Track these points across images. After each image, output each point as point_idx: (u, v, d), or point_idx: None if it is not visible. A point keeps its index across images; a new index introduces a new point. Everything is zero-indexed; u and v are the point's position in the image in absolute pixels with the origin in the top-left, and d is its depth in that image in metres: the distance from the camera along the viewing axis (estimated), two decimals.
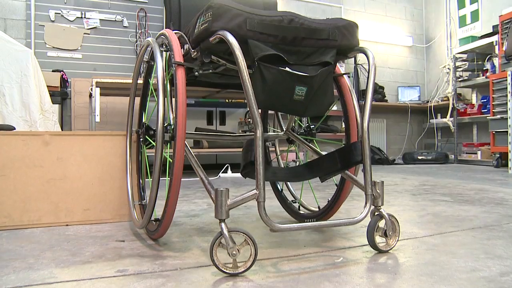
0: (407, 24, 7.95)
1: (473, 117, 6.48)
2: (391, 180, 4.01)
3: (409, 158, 6.75)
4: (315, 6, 7.00)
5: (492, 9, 6.46)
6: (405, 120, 7.51)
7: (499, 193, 2.91)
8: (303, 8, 6.89)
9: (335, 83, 1.64)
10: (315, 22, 1.35)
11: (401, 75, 7.80)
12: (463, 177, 4.27)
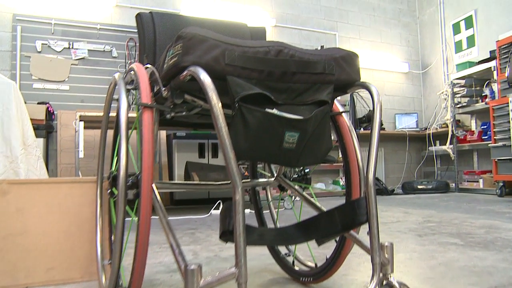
0: (402, 51, 7.84)
1: (473, 144, 6.30)
2: (392, 215, 3.78)
3: (408, 188, 6.54)
4: (309, 33, 6.88)
5: (488, 34, 6.35)
6: (404, 148, 7.33)
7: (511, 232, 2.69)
8: (297, 35, 6.76)
9: (332, 123, 1.43)
10: (308, 53, 1.14)
11: (398, 102, 7.64)
12: (468, 209, 4.05)
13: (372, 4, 7.63)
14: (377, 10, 7.68)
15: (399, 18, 7.93)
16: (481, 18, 6.69)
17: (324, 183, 6.39)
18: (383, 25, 7.70)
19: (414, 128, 7.31)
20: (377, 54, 7.51)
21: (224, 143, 0.91)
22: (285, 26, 6.67)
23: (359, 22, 7.43)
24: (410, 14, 8.09)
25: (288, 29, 6.70)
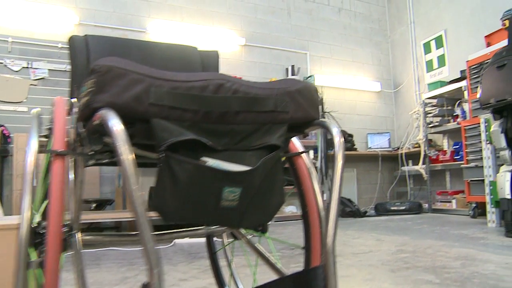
0: (374, 70, 7.78)
1: (446, 164, 6.23)
2: (363, 243, 3.62)
3: (381, 209, 6.41)
4: (279, 52, 6.76)
5: (458, 54, 6.33)
6: (376, 168, 7.21)
7: (488, 264, 2.54)
8: (267, 55, 6.63)
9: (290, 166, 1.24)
10: (256, 87, 0.96)
11: (370, 122, 7.56)
12: (442, 234, 3.91)
13: (343, 23, 7.57)
14: (348, 29, 7.61)
15: (371, 37, 7.89)
16: (451, 38, 6.68)
17: (296, 206, 6.21)
18: (354, 44, 7.63)
19: (387, 147, 7.22)
20: (349, 73, 7.43)
21: (138, 214, 0.72)
22: (255, 45, 6.54)
23: (331, 41, 7.35)
24: (381, 33, 8.05)
25: (258, 48, 6.57)
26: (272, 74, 6.55)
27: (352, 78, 7.44)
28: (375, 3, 8.07)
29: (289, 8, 7.00)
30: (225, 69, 6.16)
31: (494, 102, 3.50)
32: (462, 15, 6.45)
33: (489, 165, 4.43)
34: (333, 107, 6.87)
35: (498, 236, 3.66)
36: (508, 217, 3.63)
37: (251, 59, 6.50)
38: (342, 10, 7.60)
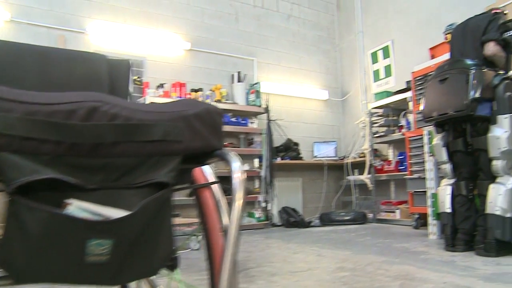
0: (322, 78, 7.74)
1: (391, 175, 6.24)
2: (304, 259, 3.51)
3: (326, 219, 6.35)
4: (225, 58, 6.60)
5: (404, 65, 6.35)
6: (322, 177, 7.15)
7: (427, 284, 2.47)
8: (213, 61, 6.46)
9: (196, 200, 1.06)
10: (141, 110, 0.79)
11: (316, 130, 7.50)
12: (384, 249, 3.86)
13: (292, 30, 7.50)
14: (296, 36, 7.55)
15: (319, 45, 7.85)
16: (397, 48, 6.72)
17: None
18: (303, 52, 7.57)
19: (333, 157, 7.19)
20: (296, 81, 7.36)
21: None
22: (201, 50, 6.35)
23: (278, 48, 7.25)
24: (330, 41, 8.04)
25: (203, 53, 6.38)
26: (217, 80, 6.39)
27: (300, 86, 7.38)
28: (325, 11, 8.04)
29: (237, 13, 6.86)
30: (169, 74, 5.96)
31: (436, 115, 3.48)
32: (409, 27, 6.50)
33: (431, 177, 4.42)
34: (279, 115, 6.77)
35: (438, 250, 3.63)
36: (448, 231, 3.61)
37: (196, 65, 6.31)
38: (291, 17, 7.53)
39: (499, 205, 3.23)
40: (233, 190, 0.86)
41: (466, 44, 3.60)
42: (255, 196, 6.22)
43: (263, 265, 3.24)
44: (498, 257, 3.21)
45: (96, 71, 1.29)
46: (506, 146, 3.24)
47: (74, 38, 5.35)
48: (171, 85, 5.83)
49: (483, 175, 3.44)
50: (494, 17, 3.54)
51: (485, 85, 3.28)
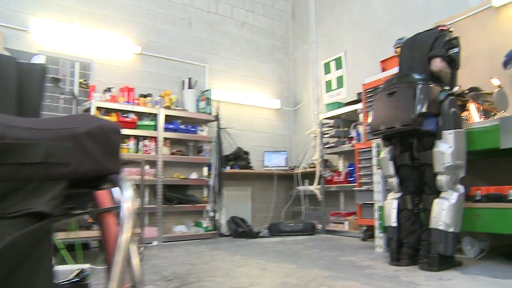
0: (275, 87, 7.70)
1: (340, 186, 6.23)
2: (247, 272, 3.40)
3: (275, 230, 6.27)
4: (177, 64, 6.45)
5: (356, 77, 6.39)
6: (271, 187, 7.09)
7: None
8: (163, 66, 6.30)
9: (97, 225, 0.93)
10: (19, 126, 0.65)
11: (268, 139, 7.45)
12: (330, 262, 3.80)
13: (246, 37, 7.43)
14: (250, 44, 7.48)
15: (273, 54, 7.82)
16: (350, 60, 6.75)
17: (186, 226, 5.92)
18: (256, 60, 7.51)
19: (283, 166, 7.14)
20: (249, 89, 7.29)
21: None
22: (151, 54, 6.18)
23: (231, 55, 7.17)
24: (283, 50, 8.02)
25: (154, 58, 6.22)
26: (167, 86, 6.23)
27: (252, 94, 7.31)
28: (279, 20, 8.02)
29: (190, 18, 6.73)
30: (117, 78, 5.77)
31: (383, 129, 3.46)
32: (361, 39, 6.54)
33: (379, 190, 4.41)
34: (230, 123, 6.68)
35: (383, 264, 3.59)
36: (393, 245, 3.59)
37: (146, 69, 6.14)
38: (245, 24, 7.46)
39: (442, 220, 3.23)
40: (121, 221, 0.72)
41: (414, 59, 3.62)
42: (203, 205, 6.09)
43: (205, 279, 3.12)
44: (441, 271, 3.21)
45: (2, 75, 1.14)
46: (450, 162, 3.24)
47: (15, 36, 5.09)
48: (119, 89, 5.64)
49: (428, 190, 3.44)
50: (441, 34, 3.57)
51: (432, 100, 3.29)
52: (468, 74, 4.69)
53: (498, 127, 3.36)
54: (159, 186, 5.61)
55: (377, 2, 6.32)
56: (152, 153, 5.66)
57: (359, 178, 5.36)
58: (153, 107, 5.76)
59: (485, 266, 3.41)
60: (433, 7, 5.43)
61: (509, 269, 3.30)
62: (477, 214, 3.53)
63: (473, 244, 3.83)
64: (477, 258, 3.76)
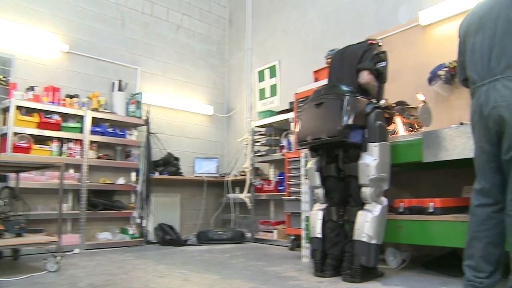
0: (208, 93, 7.63)
1: (270, 194, 6.23)
2: (167, 283, 3.29)
3: (203, 238, 6.16)
4: (107, 65, 6.23)
5: (289, 86, 6.42)
6: (201, 194, 6.97)
7: None
8: (92, 66, 6.07)
9: None
10: None
11: (200, 146, 7.34)
12: (254, 272, 3.76)
13: (180, 41, 7.30)
14: (185, 48, 7.36)
15: (208, 59, 7.73)
16: (284, 68, 6.78)
17: (111, 232, 5.71)
18: (190, 65, 7.39)
19: (214, 173, 7.05)
20: (182, 94, 7.16)
21: None
22: (80, 54, 5.92)
23: (165, 59, 7.01)
24: (219, 56, 7.95)
25: (83, 57, 5.96)
26: (96, 87, 5.99)
27: (185, 99, 7.18)
28: (216, 25, 7.95)
29: (124, 18, 6.52)
30: (42, 76, 5.49)
31: (310, 139, 3.45)
32: (296, 49, 6.58)
33: (306, 200, 4.41)
34: (161, 128, 6.51)
35: (307, 275, 3.58)
36: (318, 256, 3.58)
37: (74, 69, 5.87)
38: (180, 28, 7.34)
39: (365, 232, 3.24)
40: None
41: (343, 71, 3.64)
42: (129, 211, 5.89)
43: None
44: (363, 283, 3.22)
45: None
46: (375, 174, 3.27)
47: None
48: (44, 88, 5.36)
49: (353, 202, 3.45)
50: (369, 47, 3.61)
51: (358, 112, 3.31)
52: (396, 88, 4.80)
53: (421, 141, 3.44)
54: (83, 191, 5.38)
55: (312, 13, 6.37)
56: (77, 157, 5.42)
57: (288, 187, 5.36)
58: (80, 109, 5.52)
59: (405, 277, 3.47)
60: (365, 21, 5.53)
61: (427, 279, 3.39)
62: (400, 226, 3.61)
63: (395, 255, 3.91)
64: (399, 268, 3.83)
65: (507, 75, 2.44)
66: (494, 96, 2.47)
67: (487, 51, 2.57)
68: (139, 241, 5.84)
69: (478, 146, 2.71)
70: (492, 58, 2.53)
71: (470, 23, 2.77)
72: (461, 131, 3.17)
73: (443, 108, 4.53)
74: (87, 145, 5.47)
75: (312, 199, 4.30)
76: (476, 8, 2.78)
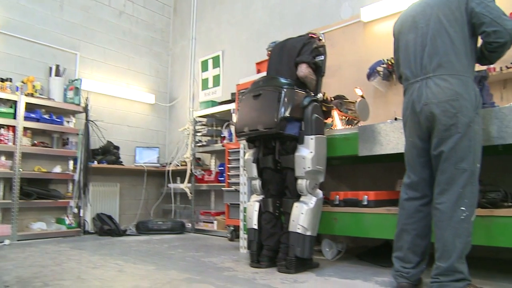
0: (151, 81, 7.51)
1: (211, 185, 6.22)
2: (101, 274, 3.22)
3: (143, 228, 6.09)
4: (43, 48, 5.99)
5: (232, 76, 6.42)
6: (142, 184, 6.87)
7: None
8: (27, 49, 5.82)
9: None
10: None
11: (141, 135, 7.23)
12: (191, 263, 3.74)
13: (123, 27, 7.13)
14: (127, 34, 7.20)
15: (151, 47, 7.60)
16: (227, 59, 6.76)
17: (45, 223, 5.54)
18: (132, 52, 7.25)
19: (155, 163, 6.96)
20: (123, 81, 7.02)
21: None
22: (13, 35, 5.66)
23: (106, 45, 6.84)
24: (163, 44, 7.83)
25: (16, 39, 5.69)
26: (31, 71, 5.76)
27: (126, 87, 7.04)
28: (160, 12, 7.82)
29: (62, 0, 6.28)
30: None
31: (247, 131, 3.45)
32: (240, 40, 6.57)
33: (245, 191, 4.42)
34: (101, 116, 6.34)
35: (244, 266, 3.59)
36: (254, 247, 3.60)
37: (6, 51, 5.60)
38: (123, 13, 7.17)
39: (300, 223, 3.28)
40: None
41: (282, 63, 3.65)
42: (66, 201, 5.73)
43: (51, 283, 2.89)
44: (297, 274, 3.27)
45: None
46: (311, 167, 3.31)
47: None
48: None
49: (289, 193, 3.49)
50: (309, 40, 3.64)
51: (296, 105, 3.33)
52: (337, 83, 4.90)
53: (357, 135, 3.52)
54: (16, 180, 5.18)
55: (257, 4, 6.37)
56: (9, 144, 5.20)
57: (229, 178, 5.36)
58: (13, 93, 5.28)
59: (339, 267, 3.54)
60: (309, 15, 5.57)
61: (360, 269, 3.47)
62: (335, 218, 3.68)
63: (331, 246, 3.97)
64: (335, 259, 3.90)
65: (438, 74, 2.53)
66: (426, 93, 2.55)
67: (419, 49, 2.65)
68: (76, 232, 5.69)
69: (409, 141, 2.79)
70: (425, 56, 2.61)
71: (404, 22, 2.85)
72: (395, 126, 3.26)
73: (380, 103, 4.65)
74: (21, 131, 5.25)
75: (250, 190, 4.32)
76: (410, 8, 2.86)
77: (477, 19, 2.50)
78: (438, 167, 2.56)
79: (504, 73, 3.66)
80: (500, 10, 2.50)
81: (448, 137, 2.46)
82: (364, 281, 3.05)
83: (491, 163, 3.49)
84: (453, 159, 2.45)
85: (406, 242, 2.71)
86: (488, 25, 2.47)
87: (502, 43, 2.49)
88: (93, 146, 6.10)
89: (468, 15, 2.53)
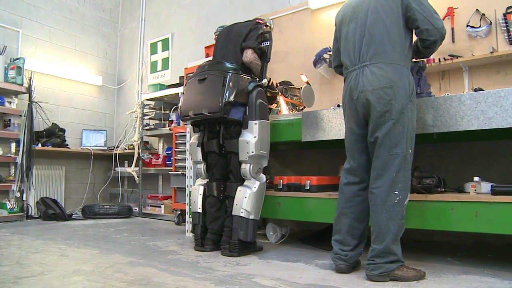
0: (99, 62, 7.35)
1: (158, 169, 6.19)
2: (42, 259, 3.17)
3: (89, 212, 6.00)
4: None
5: (181, 60, 6.37)
6: (88, 167, 6.75)
7: None
8: None
9: None
10: None
11: (87, 117, 7.09)
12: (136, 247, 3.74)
13: (70, 6, 6.91)
14: (74, 13, 7.00)
15: (99, 28, 7.43)
16: (176, 42, 6.69)
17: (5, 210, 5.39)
18: (79, 32, 7.05)
19: (102, 146, 6.85)
20: (69, 62, 6.83)
21: None
22: None
23: (51, 23, 6.61)
24: (111, 25, 7.66)
25: None
26: None
27: (72, 68, 6.87)
28: None
29: None
30: None
31: (192, 115, 3.44)
32: (189, 23, 6.51)
33: (191, 175, 4.43)
34: (45, 97, 6.16)
35: (188, 250, 3.62)
36: (198, 231, 3.62)
37: None
38: None
39: (244, 207, 3.33)
40: None
41: (228, 48, 3.65)
42: (8, 185, 5.57)
43: None
44: (240, 257, 3.32)
45: None
46: (254, 151, 3.35)
47: None
48: None
49: (233, 177, 3.52)
50: (256, 26, 3.65)
51: (240, 90, 3.35)
52: (284, 69, 4.95)
53: (301, 121, 3.58)
54: None
55: None
56: None
57: (176, 162, 5.36)
58: None
59: (282, 251, 3.61)
60: (258, 0, 5.56)
61: (302, 252, 3.55)
62: (278, 202, 3.74)
63: (275, 230, 4.04)
64: (278, 243, 3.98)
65: (374, 62, 2.61)
66: (362, 81, 2.63)
67: (358, 39, 2.73)
68: (18, 216, 5.56)
69: (347, 128, 2.88)
70: (363, 45, 2.69)
71: (345, 12, 2.92)
72: (338, 113, 3.34)
73: (326, 90, 4.73)
74: None
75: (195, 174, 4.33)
76: None
77: (412, 13, 2.61)
78: (373, 152, 2.65)
79: (442, 65, 3.81)
80: (433, 9, 2.64)
81: (382, 123, 2.55)
82: (305, 263, 3.13)
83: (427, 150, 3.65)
84: (387, 145, 2.55)
85: (345, 225, 2.80)
86: (421, 22, 2.61)
87: (433, 40, 2.66)
88: (37, 128, 5.93)
89: (404, 8, 2.63)
